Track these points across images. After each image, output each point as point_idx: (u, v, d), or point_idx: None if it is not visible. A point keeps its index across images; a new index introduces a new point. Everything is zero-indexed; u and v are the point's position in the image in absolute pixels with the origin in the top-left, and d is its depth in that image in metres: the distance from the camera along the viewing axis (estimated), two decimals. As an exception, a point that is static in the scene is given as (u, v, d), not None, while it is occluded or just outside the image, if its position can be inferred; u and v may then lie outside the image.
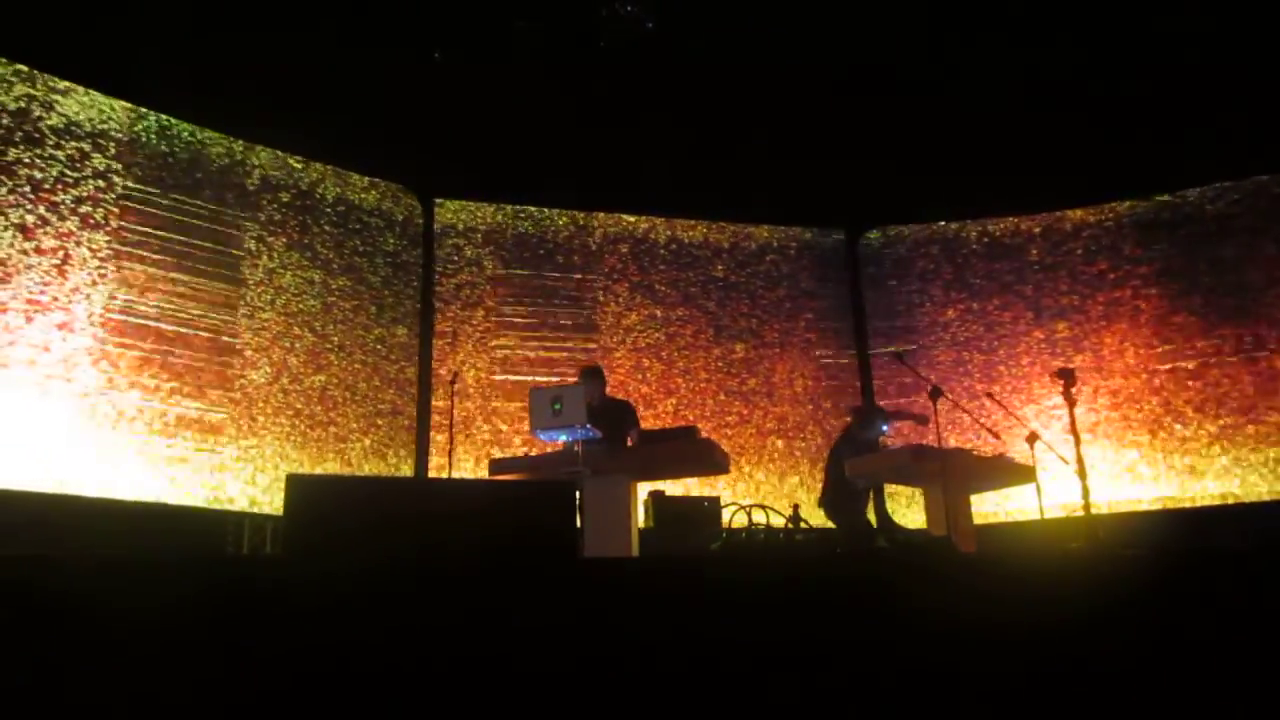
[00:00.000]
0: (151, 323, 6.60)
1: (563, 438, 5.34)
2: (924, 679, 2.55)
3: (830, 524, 6.49)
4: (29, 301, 6.08)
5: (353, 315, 7.60)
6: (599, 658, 2.52)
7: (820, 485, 6.79)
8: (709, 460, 5.49)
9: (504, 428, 7.94)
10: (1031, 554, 6.19)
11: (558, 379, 7.89)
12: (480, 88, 7.38)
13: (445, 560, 2.84)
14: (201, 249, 6.94)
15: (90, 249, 6.41)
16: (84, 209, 6.43)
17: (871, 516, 6.38)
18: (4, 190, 6.09)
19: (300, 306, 7.34)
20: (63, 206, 6.33)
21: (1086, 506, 5.84)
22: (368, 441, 7.47)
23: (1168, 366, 7.99)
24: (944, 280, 8.73)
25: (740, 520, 5.50)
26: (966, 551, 5.44)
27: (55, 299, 6.19)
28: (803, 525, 5.76)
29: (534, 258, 8.41)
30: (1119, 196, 8.42)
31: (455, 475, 7.00)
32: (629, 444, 5.70)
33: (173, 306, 6.72)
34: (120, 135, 6.71)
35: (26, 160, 6.23)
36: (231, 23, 6.52)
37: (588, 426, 5.15)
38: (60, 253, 6.27)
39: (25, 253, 6.12)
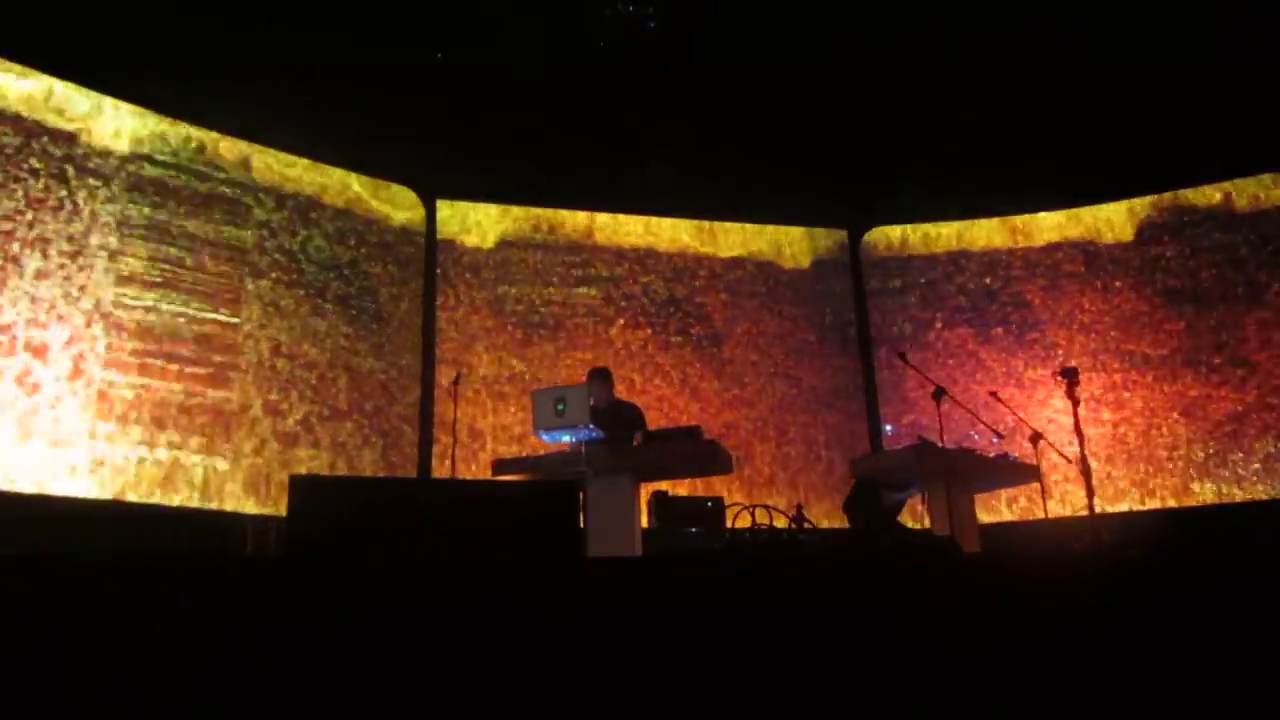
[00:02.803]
0: (153, 320, 6.59)
1: (566, 438, 5.33)
2: (927, 679, 2.55)
3: (836, 525, 6.48)
4: (31, 299, 6.08)
5: (355, 314, 7.60)
6: (603, 657, 2.51)
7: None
8: (712, 461, 5.48)
9: (506, 426, 7.93)
10: (1035, 554, 6.18)
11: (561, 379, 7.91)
12: (482, 88, 7.38)
13: (448, 561, 2.84)
14: (203, 247, 6.93)
15: (95, 248, 6.41)
16: (87, 207, 6.43)
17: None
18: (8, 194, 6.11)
19: (302, 305, 7.34)
20: (66, 205, 6.33)
21: (1090, 506, 5.84)
22: (370, 441, 7.47)
23: (1172, 366, 7.96)
24: (947, 279, 8.72)
25: (743, 520, 5.50)
26: (970, 551, 5.44)
27: (56, 296, 6.20)
28: (806, 526, 5.75)
29: (534, 257, 8.41)
30: (1125, 195, 8.39)
31: (458, 476, 6.99)
32: (634, 444, 5.69)
33: (175, 304, 6.71)
34: (119, 135, 6.71)
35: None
36: (232, 23, 6.52)
37: (590, 426, 5.15)
38: (62, 252, 6.26)
39: (29, 252, 6.12)
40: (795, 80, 7.48)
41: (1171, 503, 7.72)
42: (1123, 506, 7.85)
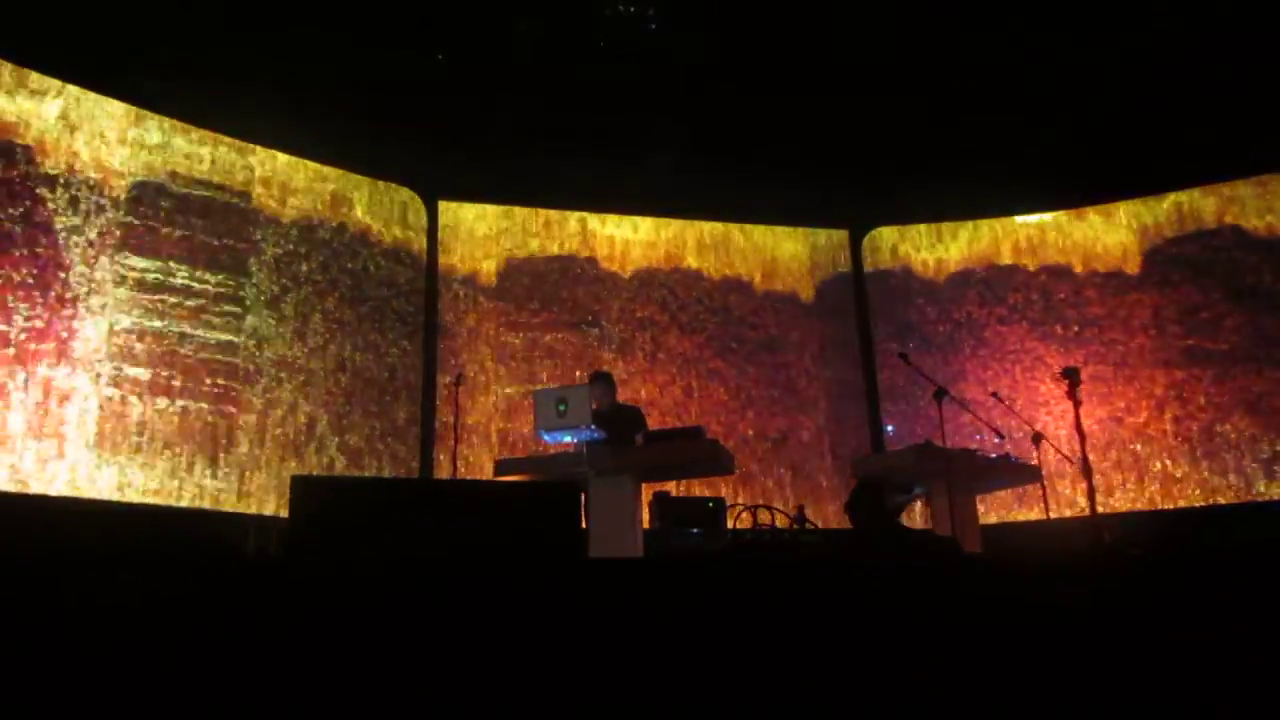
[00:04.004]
0: (157, 319, 6.59)
1: (568, 439, 5.34)
2: (929, 679, 2.55)
3: (838, 526, 6.48)
4: (35, 291, 6.09)
5: (356, 315, 7.59)
6: (605, 658, 2.51)
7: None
8: (714, 461, 5.49)
9: (509, 428, 7.93)
10: (1037, 554, 6.18)
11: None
12: (483, 88, 7.38)
13: (451, 561, 2.84)
14: (204, 247, 6.92)
15: (96, 250, 6.40)
16: (87, 209, 6.43)
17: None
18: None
19: (304, 305, 7.34)
20: (70, 208, 6.34)
21: (1092, 507, 5.84)
22: (372, 442, 7.47)
23: (1175, 365, 7.93)
24: (948, 279, 8.71)
25: (745, 521, 5.51)
26: (972, 552, 5.44)
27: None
28: (807, 526, 5.76)
29: (536, 257, 8.40)
30: (1128, 195, 8.36)
31: (460, 476, 7.00)
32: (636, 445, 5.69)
33: (179, 305, 6.71)
34: (116, 136, 6.70)
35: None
36: (232, 22, 6.52)
37: (592, 427, 5.15)
38: (71, 250, 6.28)
39: (38, 254, 6.14)
40: (797, 78, 7.47)
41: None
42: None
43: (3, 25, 6.07)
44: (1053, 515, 7.41)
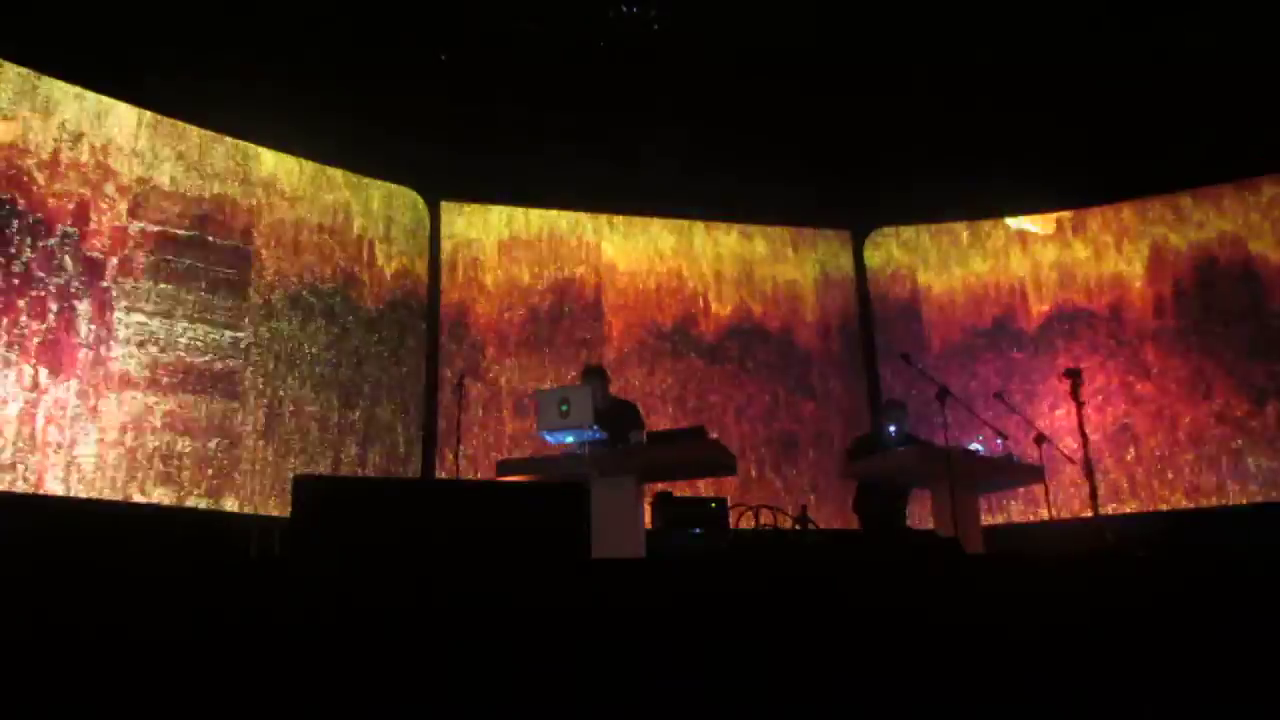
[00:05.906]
0: (159, 315, 6.61)
1: (570, 439, 5.33)
2: (930, 680, 2.55)
3: (842, 525, 6.47)
4: (42, 297, 6.11)
5: (357, 317, 7.60)
6: (607, 658, 2.52)
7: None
8: (716, 461, 5.48)
9: (510, 429, 7.94)
10: (1039, 556, 6.17)
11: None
12: (485, 88, 7.39)
13: (453, 561, 2.85)
14: (206, 244, 6.93)
15: (97, 251, 6.43)
16: (88, 209, 6.45)
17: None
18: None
19: (305, 305, 7.35)
20: (72, 212, 6.36)
21: (1094, 508, 5.84)
22: (374, 443, 7.47)
23: (1178, 364, 7.92)
24: (950, 279, 8.70)
25: (748, 521, 5.51)
26: (974, 553, 5.43)
27: (67, 293, 6.24)
28: (810, 526, 5.76)
29: (537, 258, 8.41)
30: (1131, 195, 8.34)
31: (463, 477, 7.00)
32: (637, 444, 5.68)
33: (179, 303, 6.72)
34: (115, 135, 6.70)
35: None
36: (232, 22, 6.53)
37: (594, 427, 5.15)
38: (72, 254, 6.30)
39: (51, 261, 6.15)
40: (798, 77, 7.47)
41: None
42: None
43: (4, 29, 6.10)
44: (1052, 516, 7.39)
